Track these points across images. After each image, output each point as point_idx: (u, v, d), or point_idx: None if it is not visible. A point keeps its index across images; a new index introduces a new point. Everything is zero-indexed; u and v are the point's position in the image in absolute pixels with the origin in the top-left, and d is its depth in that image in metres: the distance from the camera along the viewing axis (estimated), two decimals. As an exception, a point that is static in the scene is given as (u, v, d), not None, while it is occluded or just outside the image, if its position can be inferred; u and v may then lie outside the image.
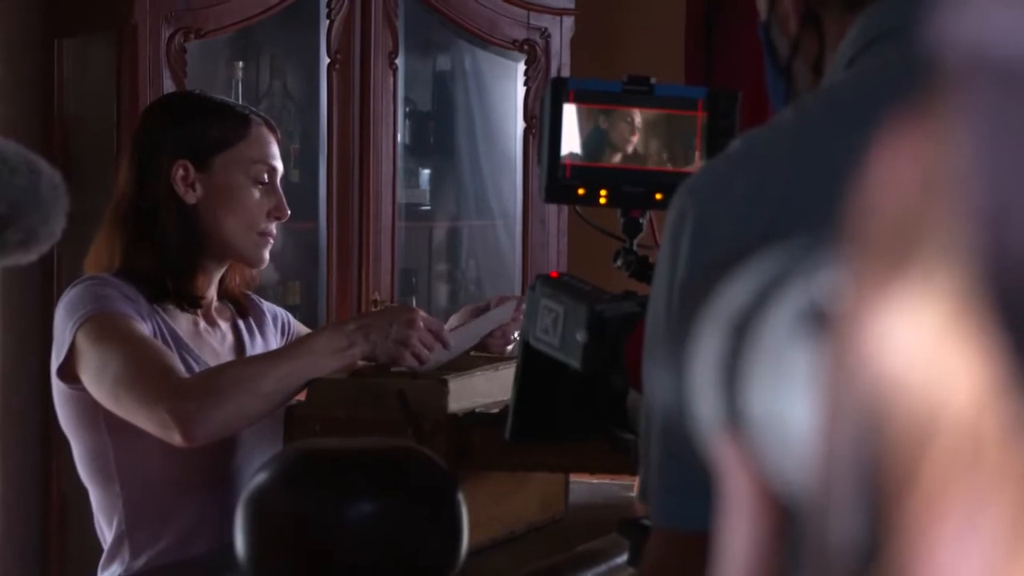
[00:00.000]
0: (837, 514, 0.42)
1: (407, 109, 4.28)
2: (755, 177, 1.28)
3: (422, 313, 2.42)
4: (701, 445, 0.63)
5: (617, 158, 1.84)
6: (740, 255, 0.63)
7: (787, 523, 0.56)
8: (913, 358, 0.38)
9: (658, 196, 1.84)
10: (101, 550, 2.51)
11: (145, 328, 2.36)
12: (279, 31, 4.07)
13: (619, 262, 1.85)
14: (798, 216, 1.22)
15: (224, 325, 2.55)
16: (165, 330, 2.42)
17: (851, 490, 0.41)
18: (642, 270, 1.84)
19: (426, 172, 4.42)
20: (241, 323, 2.58)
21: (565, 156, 1.82)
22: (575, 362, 1.63)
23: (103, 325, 2.33)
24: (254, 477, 1.66)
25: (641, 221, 1.86)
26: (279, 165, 2.53)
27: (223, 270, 2.53)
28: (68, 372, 2.37)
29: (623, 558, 2.22)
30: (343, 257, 4.05)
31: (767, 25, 1.42)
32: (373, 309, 4.03)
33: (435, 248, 4.55)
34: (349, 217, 4.05)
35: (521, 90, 4.35)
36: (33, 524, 3.84)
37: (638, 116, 1.85)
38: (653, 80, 1.87)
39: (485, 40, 4.31)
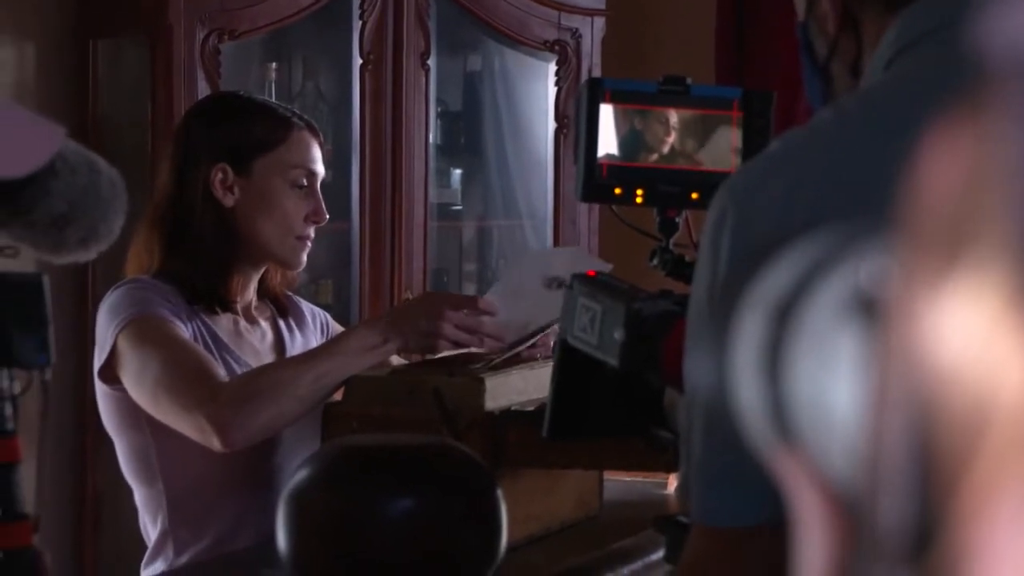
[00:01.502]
0: (889, 500, 0.43)
1: (439, 109, 4.30)
2: (793, 177, 1.30)
3: (454, 296, 2.42)
4: (744, 435, 0.63)
5: (653, 158, 1.86)
6: (780, 252, 0.64)
7: (840, 508, 0.57)
8: (966, 348, 0.40)
9: (694, 195, 1.86)
10: (137, 548, 2.53)
11: (185, 331, 2.38)
12: (312, 32, 4.09)
13: (655, 261, 1.87)
14: (836, 216, 1.24)
15: (264, 324, 2.57)
16: (205, 332, 2.44)
17: (903, 476, 0.42)
18: (678, 269, 1.85)
19: (457, 172, 4.43)
20: (281, 322, 2.60)
21: (602, 156, 1.83)
22: (613, 360, 1.64)
23: (143, 328, 2.35)
24: (294, 474, 1.68)
25: (677, 220, 1.88)
26: (319, 169, 2.53)
27: (261, 272, 2.55)
28: (109, 374, 2.39)
29: (658, 555, 2.23)
30: (375, 256, 4.07)
31: (805, 25, 1.43)
32: (405, 308, 4.05)
33: (466, 247, 4.57)
34: (381, 217, 4.06)
35: (552, 90, 4.36)
36: (68, 523, 3.86)
37: (674, 116, 1.86)
38: (689, 80, 1.88)
39: (516, 40, 4.33)
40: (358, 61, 4.04)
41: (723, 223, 1.31)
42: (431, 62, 4.12)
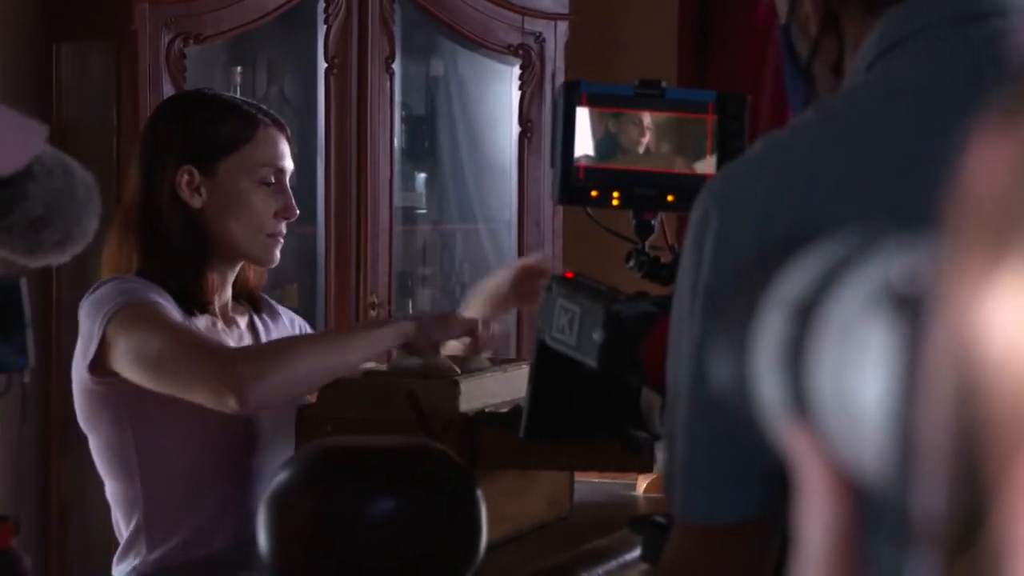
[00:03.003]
0: (929, 488, 0.44)
1: (403, 113, 4.30)
2: (776, 179, 1.31)
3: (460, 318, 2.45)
4: (761, 432, 0.64)
5: (629, 160, 1.87)
6: (764, 256, 0.65)
7: (860, 502, 0.57)
8: (1016, 338, 0.41)
9: (670, 198, 1.87)
10: (103, 552, 2.53)
11: (178, 315, 2.38)
12: (277, 36, 4.09)
13: (631, 263, 1.88)
14: (821, 217, 1.25)
15: (242, 323, 2.57)
16: None
17: (947, 464, 0.43)
18: (654, 271, 1.86)
19: (422, 176, 4.44)
20: (257, 320, 2.60)
21: (578, 159, 1.84)
22: (592, 361, 1.65)
23: (136, 314, 2.35)
24: (276, 475, 1.67)
25: (653, 223, 1.89)
26: (288, 165, 2.53)
27: (237, 269, 2.54)
28: (97, 366, 2.39)
29: (631, 555, 2.24)
30: (341, 260, 4.07)
31: (787, 27, 1.44)
32: (371, 312, 4.06)
33: (431, 251, 4.58)
34: (347, 221, 4.07)
35: (516, 94, 4.38)
36: (33, 529, 3.85)
37: (650, 119, 1.87)
38: (664, 83, 1.90)
39: (480, 44, 4.34)
40: (323, 65, 4.04)
41: (706, 225, 1.33)
42: (396, 66, 4.13)
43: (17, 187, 1.79)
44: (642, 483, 2.88)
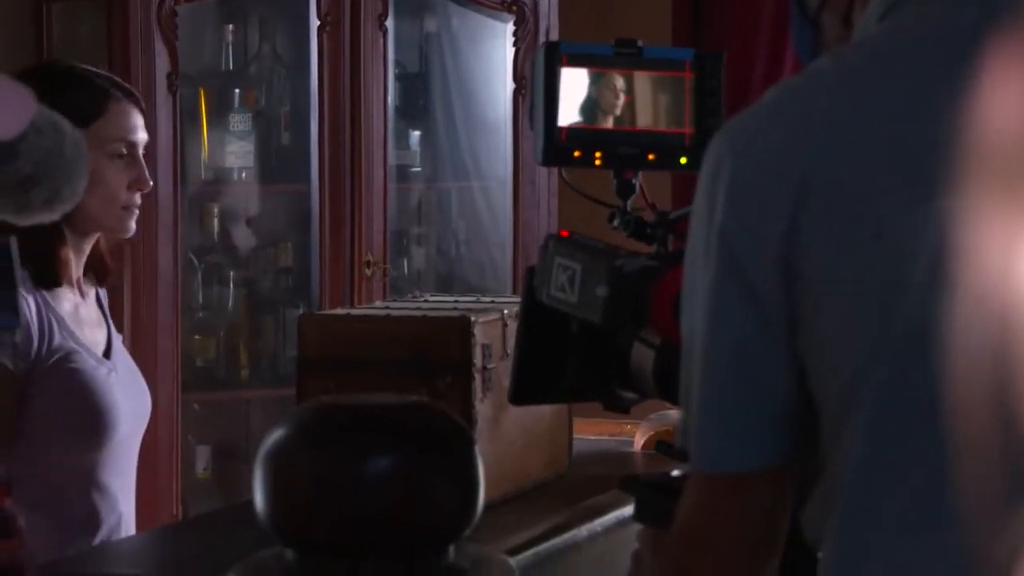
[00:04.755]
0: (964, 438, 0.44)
1: (396, 71, 4.30)
2: (791, 124, 1.32)
3: None
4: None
5: (610, 120, 1.88)
6: (779, 200, 0.64)
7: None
8: None
9: (651, 156, 1.88)
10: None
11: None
12: (269, -6, 4.09)
13: (616, 223, 1.89)
14: (837, 163, 1.26)
15: (91, 295, 2.59)
16: (45, 308, 2.45)
17: (983, 416, 0.43)
18: (640, 230, 1.87)
19: (416, 134, 4.44)
20: (100, 293, 2.61)
21: (560, 119, 1.85)
22: (595, 318, 1.66)
23: None
24: (272, 433, 1.68)
25: (634, 182, 1.90)
26: (141, 138, 2.55)
27: (93, 240, 2.56)
28: None
29: (630, 510, 2.26)
30: (335, 219, 4.08)
31: None
32: (366, 271, 4.07)
33: (425, 210, 4.58)
34: (341, 179, 4.07)
35: (510, 51, 4.37)
36: None
37: (629, 78, 1.88)
38: (640, 42, 1.91)
39: (473, 1, 4.33)
40: (315, 23, 4.04)
41: (719, 172, 1.34)
42: (389, 23, 4.13)
43: (6, 146, 1.80)
44: (639, 440, 2.89)
